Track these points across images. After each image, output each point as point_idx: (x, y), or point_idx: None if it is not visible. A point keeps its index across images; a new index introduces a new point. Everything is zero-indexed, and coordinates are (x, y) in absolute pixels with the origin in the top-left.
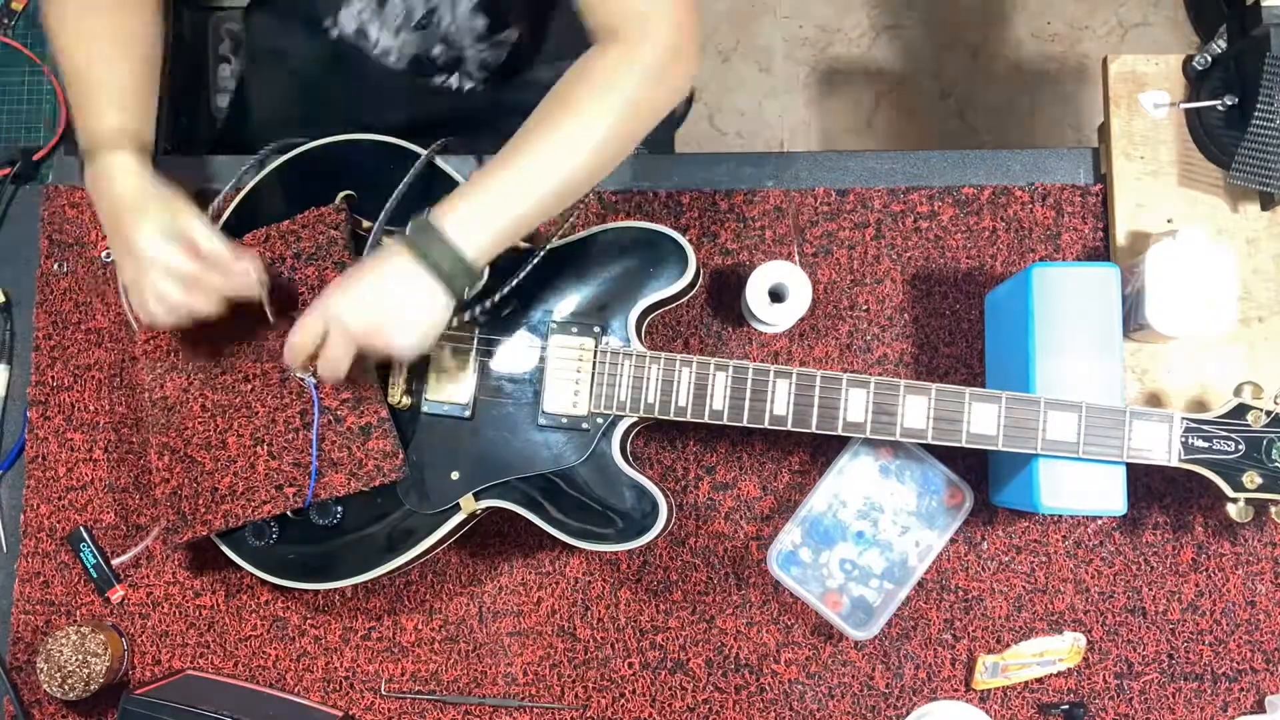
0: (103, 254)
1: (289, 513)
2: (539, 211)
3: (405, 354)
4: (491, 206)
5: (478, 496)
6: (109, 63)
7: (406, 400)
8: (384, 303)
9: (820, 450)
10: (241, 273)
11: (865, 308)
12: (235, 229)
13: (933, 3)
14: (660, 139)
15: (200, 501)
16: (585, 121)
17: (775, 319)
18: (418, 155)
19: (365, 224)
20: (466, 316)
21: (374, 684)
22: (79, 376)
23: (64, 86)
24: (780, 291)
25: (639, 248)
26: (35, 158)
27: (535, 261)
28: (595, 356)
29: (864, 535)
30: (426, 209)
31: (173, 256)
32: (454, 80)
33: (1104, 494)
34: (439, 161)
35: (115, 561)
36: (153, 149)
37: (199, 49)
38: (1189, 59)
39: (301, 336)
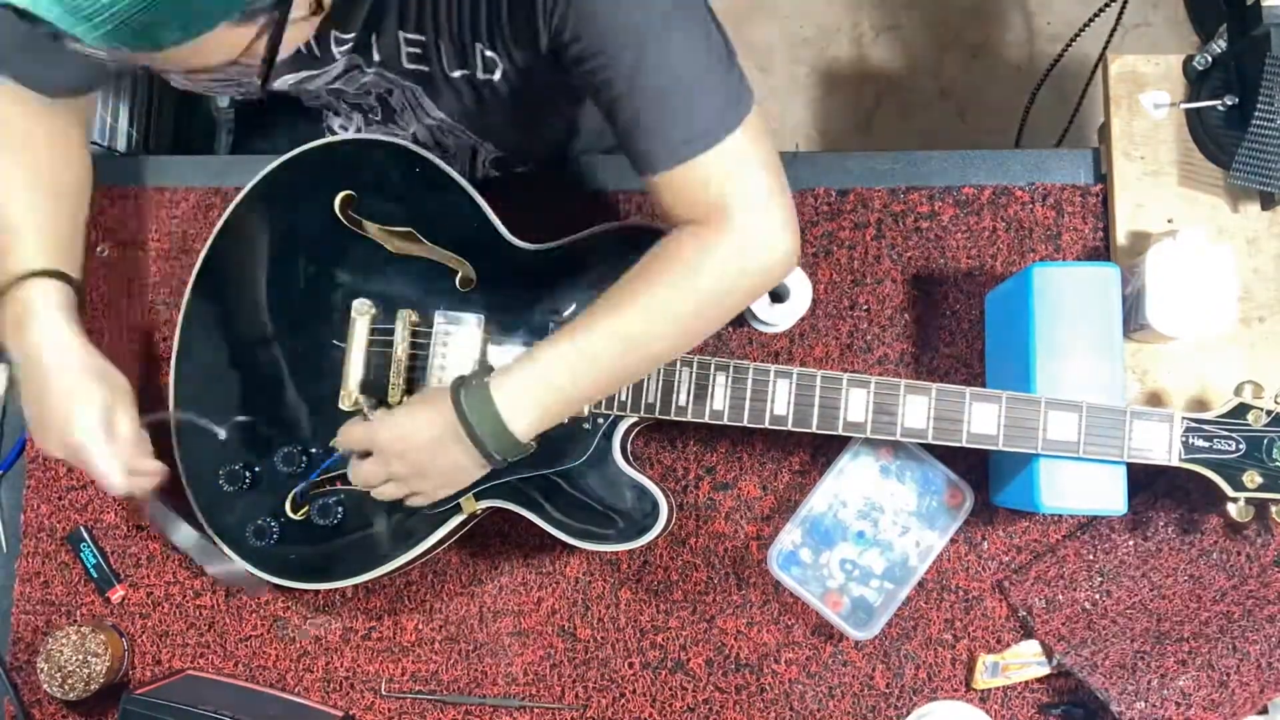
0: (99, 250)
1: (290, 513)
2: (599, 393)
3: (431, 499)
4: (547, 388)
5: (478, 496)
6: (28, 203)
7: (407, 400)
8: (428, 460)
9: (820, 450)
10: (150, 474)
11: (865, 308)
12: (236, 229)
13: (933, 3)
14: None
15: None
16: (657, 312)
17: (775, 319)
18: (418, 156)
19: (365, 225)
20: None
21: (374, 684)
22: None
23: None
24: (780, 291)
25: (641, 248)
26: None
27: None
28: None
29: (864, 535)
30: (488, 370)
31: (103, 461)
32: None
33: (1104, 494)
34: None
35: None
36: (81, 292)
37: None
38: (1189, 59)
39: (351, 442)
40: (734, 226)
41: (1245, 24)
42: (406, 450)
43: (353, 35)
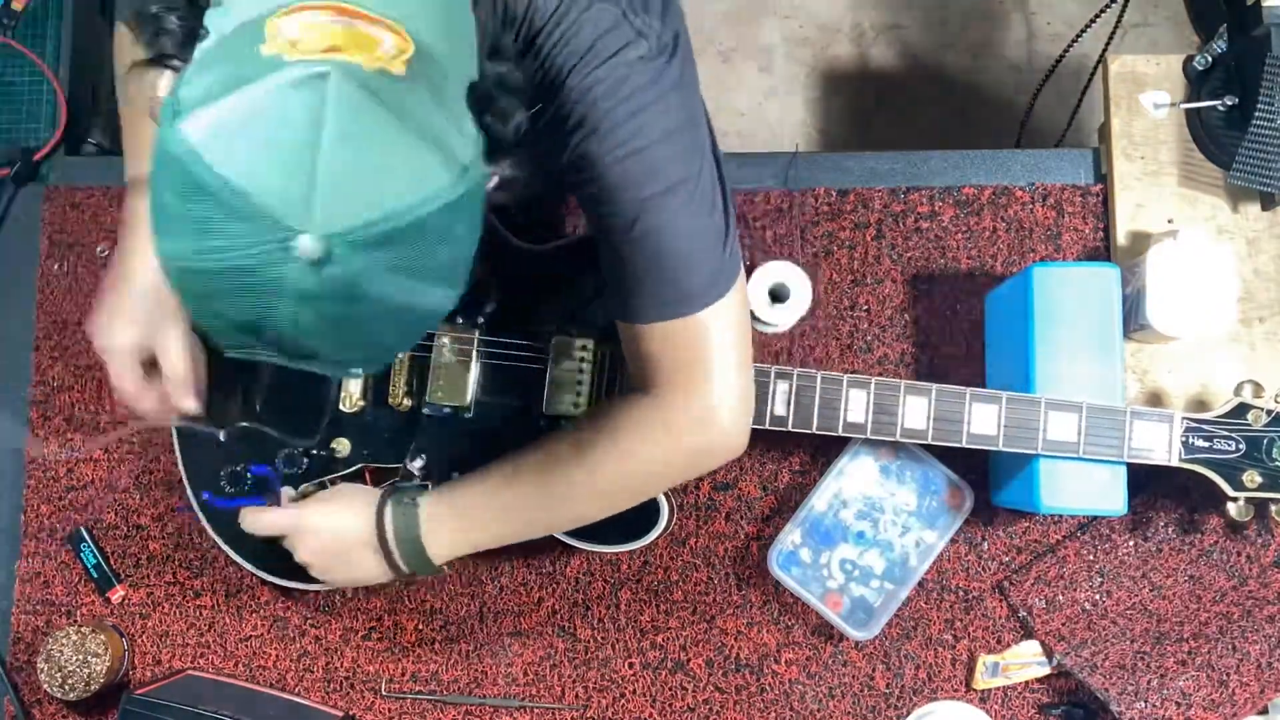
0: (99, 249)
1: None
2: (520, 536)
3: (328, 584)
4: (474, 527)
5: None
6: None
7: (407, 402)
8: (340, 564)
9: (820, 450)
10: (180, 405)
11: (865, 308)
12: None
13: (933, 3)
14: None
15: None
16: (591, 471)
17: (775, 319)
18: None
19: None
20: (462, 320)
21: (374, 684)
22: (79, 376)
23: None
24: (780, 291)
25: None
26: (35, 158)
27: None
28: (596, 357)
29: (864, 535)
30: (421, 490)
31: (119, 374)
32: None
33: (1104, 494)
34: None
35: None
36: None
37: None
38: (1189, 59)
39: (264, 524)
40: (690, 401)
41: (1245, 24)
42: (319, 548)
43: None
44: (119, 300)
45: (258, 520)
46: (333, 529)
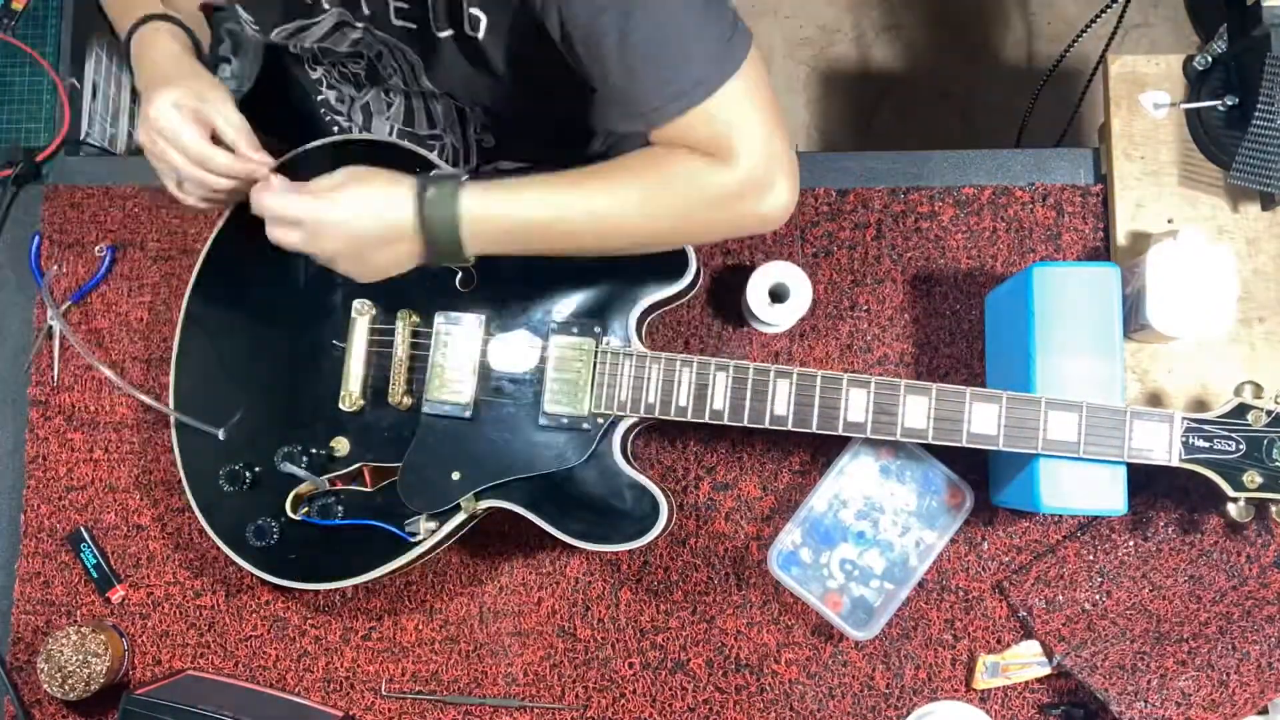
0: (98, 250)
1: (290, 513)
2: (554, 248)
3: (353, 281)
4: (514, 224)
5: (478, 497)
6: None
7: (407, 401)
8: (367, 250)
9: (820, 450)
10: (259, 163)
11: (865, 308)
12: (237, 229)
13: (933, 3)
14: None
15: None
16: (642, 203)
17: (775, 319)
18: (420, 157)
19: None
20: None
21: (374, 684)
22: (79, 376)
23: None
24: (780, 291)
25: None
26: (38, 159)
27: None
28: (596, 357)
29: (864, 535)
30: (465, 173)
31: (182, 131)
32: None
33: (1104, 494)
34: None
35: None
36: (194, 47)
37: (198, 49)
38: (1189, 59)
39: (276, 206)
40: (738, 166)
41: (1245, 24)
42: (351, 237)
43: None
44: (155, 80)
45: (278, 201)
46: (362, 216)
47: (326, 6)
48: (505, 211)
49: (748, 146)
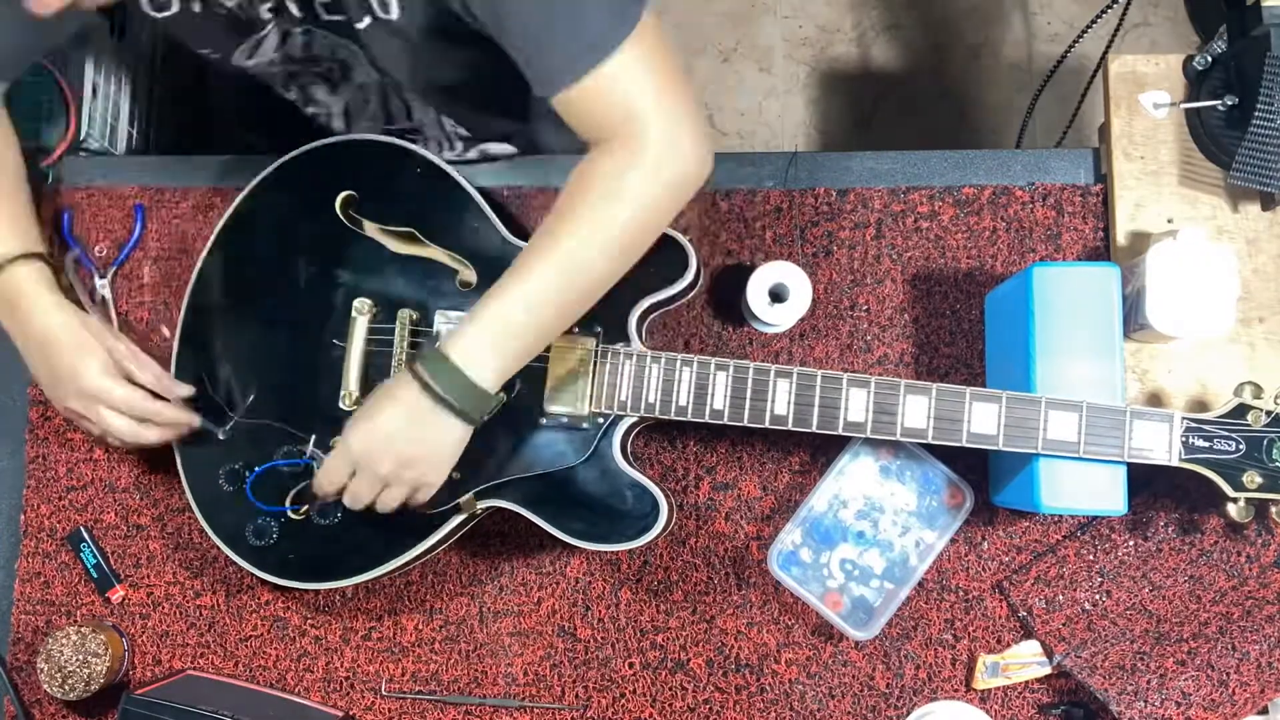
0: (98, 250)
1: (290, 512)
2: (555, 326)
3: (433, 488)
4: (501, 332)
5: (479, 496)
6: None
7: None
8: (409, 448)
9: (820, 450)
10: (178, 387)
11: (865, 308)
12: (236, 229)
13: (933, 3)
14: None
15: None
16: (588, 236)
17: (775, 319)
18: (420, 156)
19: (366, 225)
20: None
21: (374, 684)
22: None
23: None
24: (780, 291)
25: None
26: (45, 163)
27: None
28: (596, 356)
29: (864, 535)
30: (437, 337)
31: (123, 396)
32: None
33: (1104, 494)
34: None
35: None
36: (55, 269)
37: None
38: (1189, 59)
39: (330, 478)
40: (644, 142)
41: (1245, 24)
42: (385, 448)
43: None
44: (64, 350)
45: (323, 482)
46: (383, 420)
47: (266, 16)
48: (490, 328)
49: (650, 114)
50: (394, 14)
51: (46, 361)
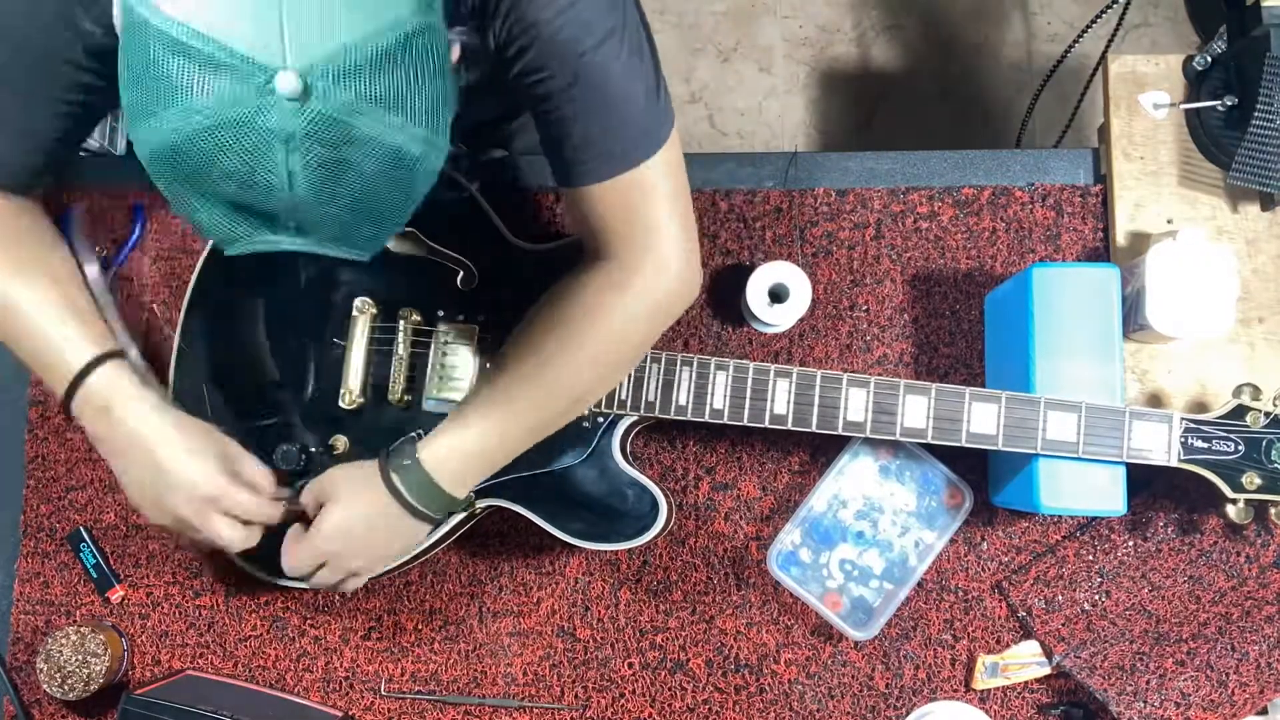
0: (97, 250)
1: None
2: (529, 438)
3: (369, 575)
4: (475, 444)
5: (478, 495)
6: (58, 298)
7: (408, 398)
8: (375, 547)
9: (820, 450)
10: (284, 500)
11: (865, 308)
12: None
13: (933, 3)
14: None
15: None
16: (572, 355)
17: (775, 319)
18: None
19: None
20: (463, 317)
21: (374, 684)
22: None
23: (10, 339)
24: (780, 291)
25: None
26: None
27: None
28: None
29: (864, 535)
30: (413, 437)
31: (246, 500)
32: None
33: (1104, 494)
34: None
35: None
36: (139, 361)
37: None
38: (1189, 59)
39: (299, 564)
40: (639, 264)
41: (1245, 24)
42: (353, 546)
43: None
44: (171, 451)
45: (298, 558)
46: (353, 519)
47: None
48: (465, 439)
49: (652, 234)
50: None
51: (154, 467)
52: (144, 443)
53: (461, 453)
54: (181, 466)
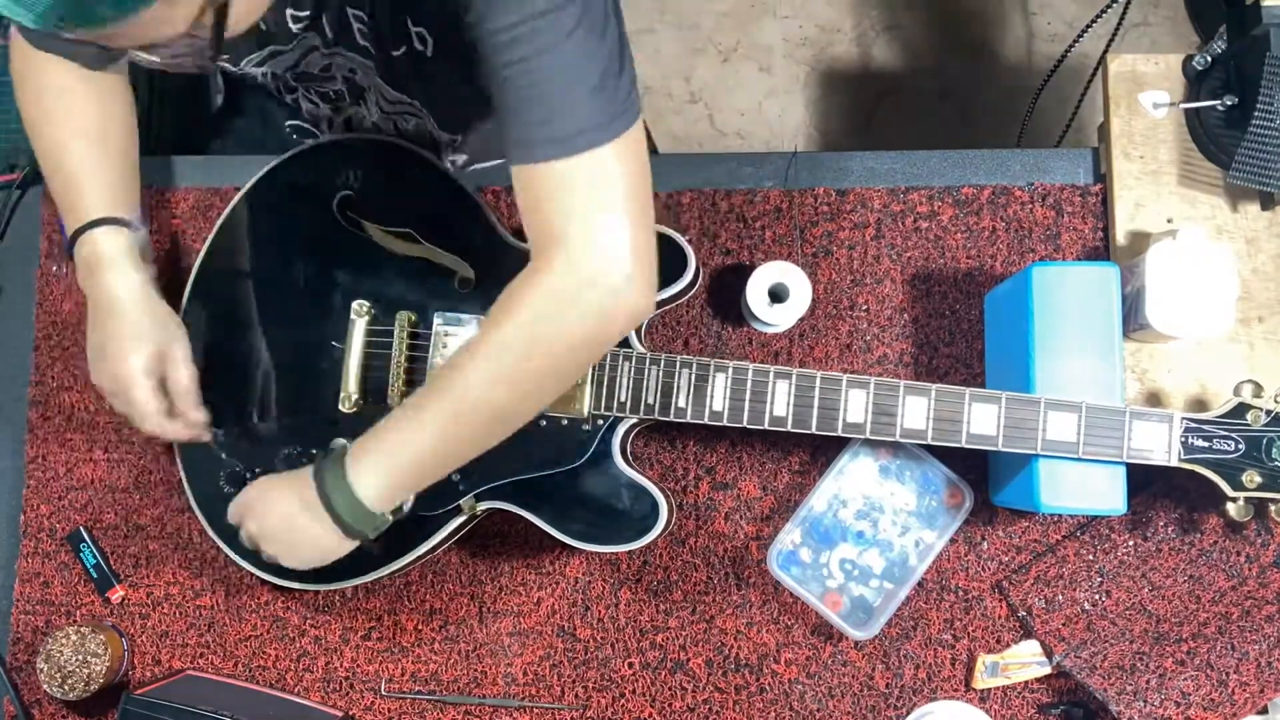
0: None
1: None
2: (454, 455)
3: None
4: (397, 454)
5: (478, 498)
6: (84, 155)
7: None
8: (289, 535)
9: (820, 450)
10: (194, 424)
11: (865, 308)
12: (235, 229)
13: (933, 3)
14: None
15: None
16: (486, 360)
17: (775, 319)
18: (419, 156)
19: (366, 226)
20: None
21: (374, 684)
22: (79, 376)
23: (45, 177)
24: (780, 291)
25: None
26: None
27: None
28: None
29: (864, 535)
30: (347, 443)
31: (144, 397)
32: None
33: (1104, 494)
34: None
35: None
36: (143, 236)
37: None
38: (1189, 59)
39: (231, 517)
40: (570, 260)
41: (1245, 24)
42: (268, 526)
43: (306, 13)
44: (120, 327)
45: (232, 509)
46: (273, 498)
47: (294, 31)
48: (387, 448)
49: (590, 229)
50: (429, 52)
51: (103, 333)
52: (107, 307)
53: (377, 454)
54: (116, 344)
